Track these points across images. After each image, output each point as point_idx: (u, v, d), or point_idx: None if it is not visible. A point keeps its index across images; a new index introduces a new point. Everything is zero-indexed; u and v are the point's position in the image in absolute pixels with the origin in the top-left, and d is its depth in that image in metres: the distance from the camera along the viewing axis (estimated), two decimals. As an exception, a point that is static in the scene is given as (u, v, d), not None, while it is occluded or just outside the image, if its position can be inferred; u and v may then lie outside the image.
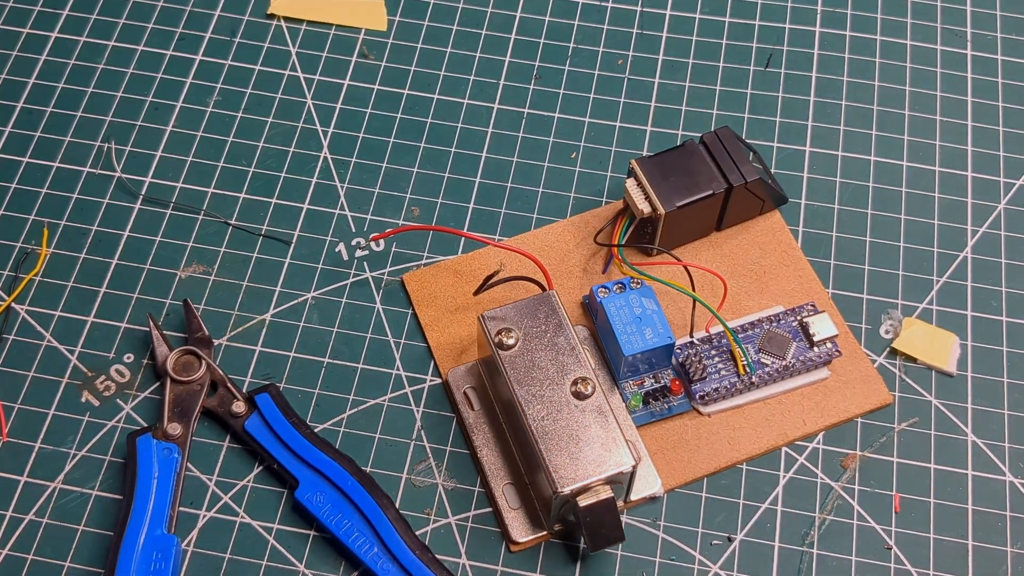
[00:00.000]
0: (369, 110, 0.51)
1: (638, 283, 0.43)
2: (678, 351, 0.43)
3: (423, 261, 0.47)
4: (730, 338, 0.43)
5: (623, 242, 0.45)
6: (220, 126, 0.51)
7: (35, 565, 0.41)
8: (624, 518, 0.42)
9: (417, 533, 0.42)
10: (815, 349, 0.43)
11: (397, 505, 0.42)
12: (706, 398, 0.43)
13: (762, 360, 0.43)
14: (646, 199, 0.44)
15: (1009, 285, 0.47)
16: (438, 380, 0.45)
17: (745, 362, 0.43)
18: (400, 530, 0.40)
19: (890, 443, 0.43)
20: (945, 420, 0.44)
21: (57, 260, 0.47)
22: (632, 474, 0.39)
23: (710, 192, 0.44)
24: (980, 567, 0.41)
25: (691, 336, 0.44)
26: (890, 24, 0.54)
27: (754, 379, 0.43)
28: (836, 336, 0.43)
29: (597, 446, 0.39)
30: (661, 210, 0.44)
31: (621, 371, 0.43)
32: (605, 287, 0.43)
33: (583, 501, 0.39)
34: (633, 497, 0.41)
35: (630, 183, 0.45)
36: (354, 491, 0.41)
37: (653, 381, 0.43)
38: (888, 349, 0.45)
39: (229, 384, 0.43)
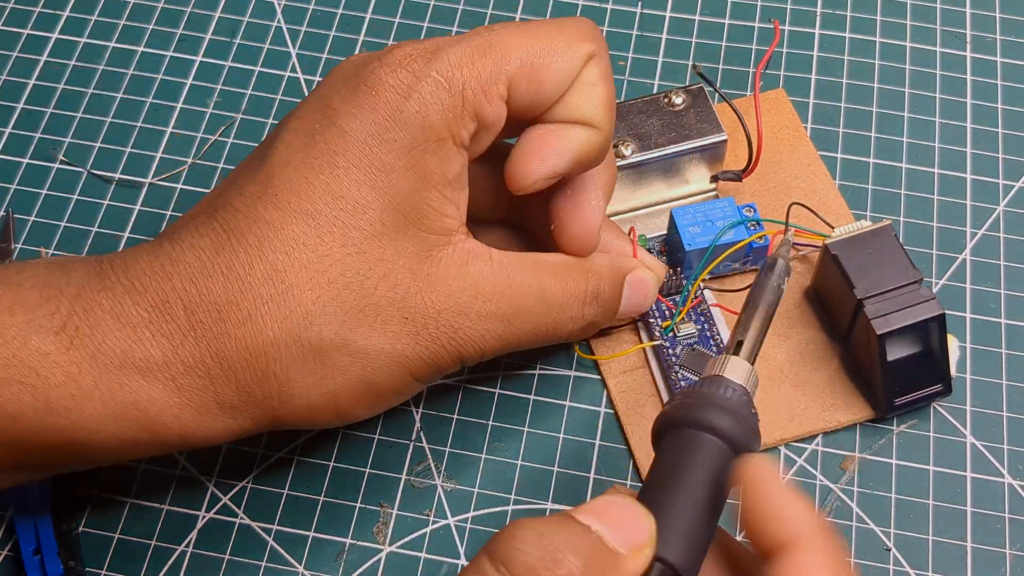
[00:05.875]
0: (369, 111, 0.51)
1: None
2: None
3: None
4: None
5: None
6: (220, 128, 0.51)
7: None
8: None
9: (416, 534, 0.42)
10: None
11: (396, 507, 0.42)
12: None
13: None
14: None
15: (1008, 287, 0.47)
16: (438, 381, 0.45)
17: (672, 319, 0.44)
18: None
19: (889, 445, 0.43)
20: (944, 422, 0.44)
21: (57, 261, 0.47)
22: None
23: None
24: (979, 569, 0.41)
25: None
26: (889, 26, 0.54)
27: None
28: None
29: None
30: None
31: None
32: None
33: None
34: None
35: None
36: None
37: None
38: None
39: None
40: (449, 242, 0.36)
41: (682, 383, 0.43)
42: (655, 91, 0.50)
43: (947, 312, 0.42)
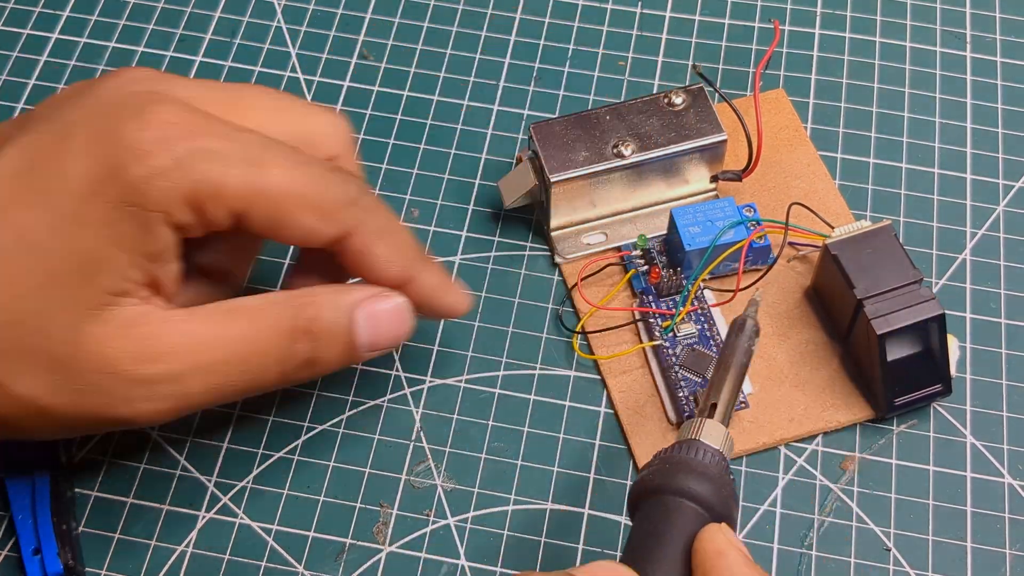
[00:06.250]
0: (369, 111, 0.51)
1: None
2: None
3: (423, 262, 0.47)
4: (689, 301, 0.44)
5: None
6: (220, 127, 0.51)
7: None
8: (622, 518, 0.42)
9: (416, 534, 0.42)
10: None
11: (396, 507, 0.42)
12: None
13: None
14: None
15: (1008, 287, 0.47)
16: (438, 381, 0.45)
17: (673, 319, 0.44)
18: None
19: (889, 445, 0.43)
20: (944, 422, 0.44)
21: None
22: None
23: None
24: (979, 569, 0.41)
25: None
26: (889, 26, 0.54)
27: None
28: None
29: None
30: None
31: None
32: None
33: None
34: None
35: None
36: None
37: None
38: (887, 351, 0.45)
39: None
40: (119, 303, 0.35)
41: (682, 383, 0.43)
42: (655, 91, 0.50)
43: (947, 312, 0.42)
